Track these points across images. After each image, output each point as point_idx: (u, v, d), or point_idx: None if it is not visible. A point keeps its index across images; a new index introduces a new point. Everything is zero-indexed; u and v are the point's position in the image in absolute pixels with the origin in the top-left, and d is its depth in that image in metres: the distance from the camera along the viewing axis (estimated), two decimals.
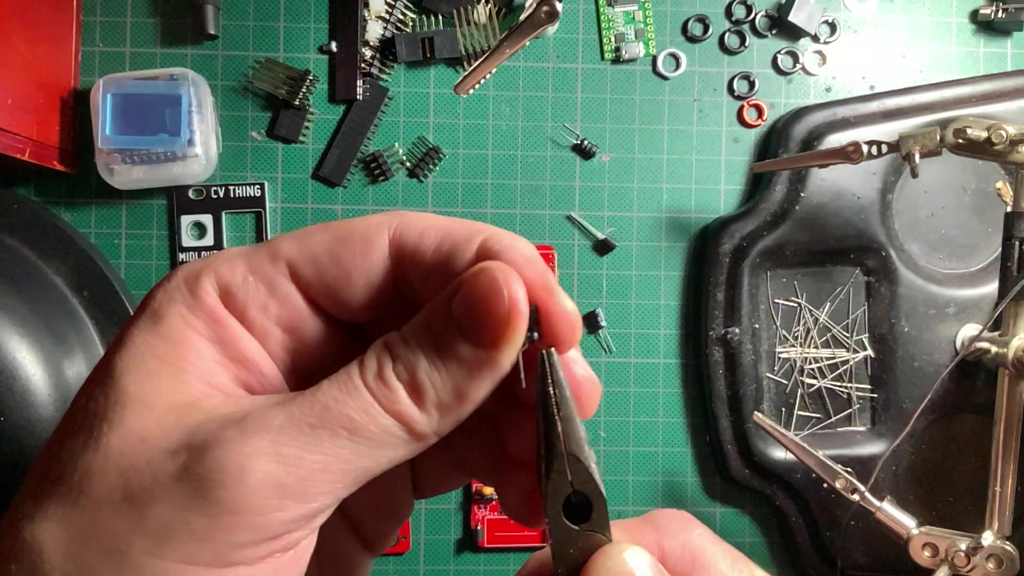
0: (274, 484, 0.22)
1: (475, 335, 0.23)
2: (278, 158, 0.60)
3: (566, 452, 0.24)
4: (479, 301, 0.23)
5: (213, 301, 0.24)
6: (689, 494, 0.61)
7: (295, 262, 0.25)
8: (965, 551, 0.51)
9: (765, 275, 0.60)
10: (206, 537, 0.21)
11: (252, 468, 0.21)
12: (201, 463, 0.21)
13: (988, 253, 0.60)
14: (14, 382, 0.52)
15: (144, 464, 0.22)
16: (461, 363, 0.23)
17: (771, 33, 0.61)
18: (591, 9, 0.61)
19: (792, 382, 0.60)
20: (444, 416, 0.24)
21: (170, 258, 0.59)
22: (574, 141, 0.61)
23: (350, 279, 0.25)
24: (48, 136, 0.55)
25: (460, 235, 0.25)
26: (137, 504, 0.21)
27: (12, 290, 0.54)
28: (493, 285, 0.23)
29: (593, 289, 0.61)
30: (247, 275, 0.25)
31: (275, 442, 0.22)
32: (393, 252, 0.25)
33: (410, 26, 0.60)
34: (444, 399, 0.23)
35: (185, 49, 0.60)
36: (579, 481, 0.24)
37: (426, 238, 0.25)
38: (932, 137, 0.50)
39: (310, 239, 0.25)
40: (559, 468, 0.24)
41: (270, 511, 0.22)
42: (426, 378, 0.23)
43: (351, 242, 0.25)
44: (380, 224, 0.25)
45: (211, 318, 0.24)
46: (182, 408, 0.23)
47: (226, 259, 0.25)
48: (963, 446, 0.59)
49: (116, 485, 0.22)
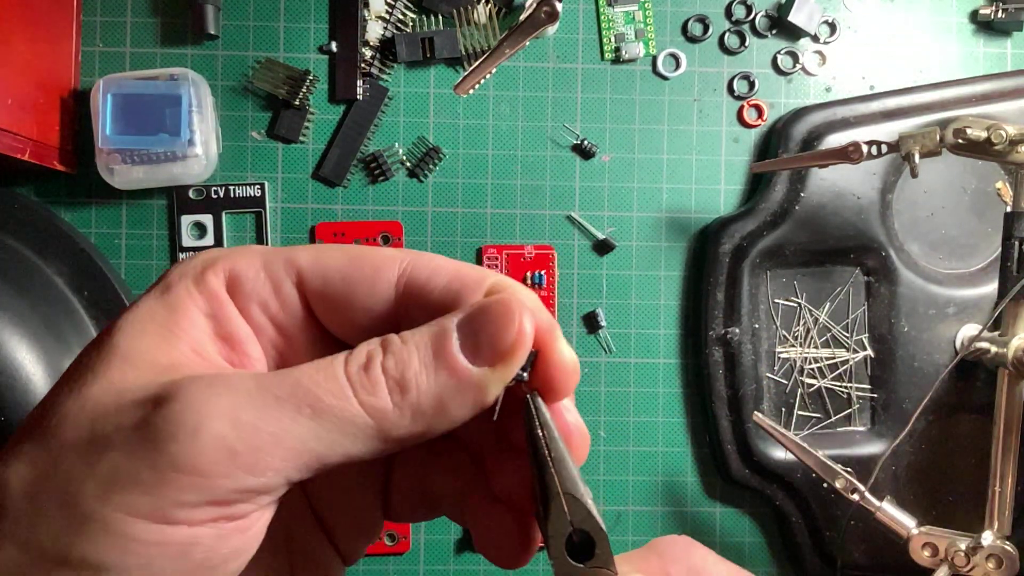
0: (224, 448, 0.21)
1: (475, 350, 0.24)
2: (278, 158, 0.60)
3: (562, 492, 0.24)
4: (491, 320, 0.24)
5: (218, 282, 0.25)
6: (689, 494, 0.61)
7: (305, 271, 0.26)
8: (965, 551, 0.51)
9: (765, 275, 0.60)
10: (150, 490, 0.21)
11: (206, 427, 0.21)
12: (160, 413, 0.22)
13: (988, 253, 0.60)
14: (14, 382, 0.52)
15: (113, 412, 0.22)
16: (452, 374, 0.24)
17: (771, 33, 0.62)
18: (591, 9, 0.61)
19: (792, 382, 0.60)
20: (415, 420, 0.23)
21: (170, 258, 0.59)
22: (574, 141, 0.61)
23: (352, 300, 0.26)
24: (48, 136, 0.55)
25: (470, 278, 0.25)
26: (97, 448, 0.22)
27: (12, 290, 0.54)
28: (508, 310, 0.24)
29: (593, 289, 0.61)
30: (259, 270, 0.25)
31: (235, 406, 0.22)
32: (401, 286, 0.26)
33: (410, 26, 0.60)
34: (423, 404, 0.23)
35: (185, 49, 0.60)
36: (578, 519, 0.24)
37: (436, 277, 0.25)
38: (932, 137, 0.50)
39: (325, 254, 0.26)
40: (557, 508, 0.24)
41: (215, 475, 0.21)
42: (414, 377, 0.23)
43: (361, 267, 0.26)
44: (393, 257, 0.26)
45: (212, 296, 0.25)
46: (165, 367, 0.23)
47: (245, 253, 0.26)
48: (963, 446, 0.59)
49: (84, 430, 0.22)
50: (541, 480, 0.24)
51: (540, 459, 0.24)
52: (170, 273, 0.25)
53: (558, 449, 0.25)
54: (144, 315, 0.24)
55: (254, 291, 0.25)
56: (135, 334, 0.24)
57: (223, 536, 0.22)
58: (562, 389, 0.26)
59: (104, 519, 0.21)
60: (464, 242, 0.60)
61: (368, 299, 0.26)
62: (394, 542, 0.59)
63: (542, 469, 0.24)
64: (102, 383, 0.23)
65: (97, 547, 0.21)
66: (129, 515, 0.21)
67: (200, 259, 0.26)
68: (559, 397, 0.26)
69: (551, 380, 0.25)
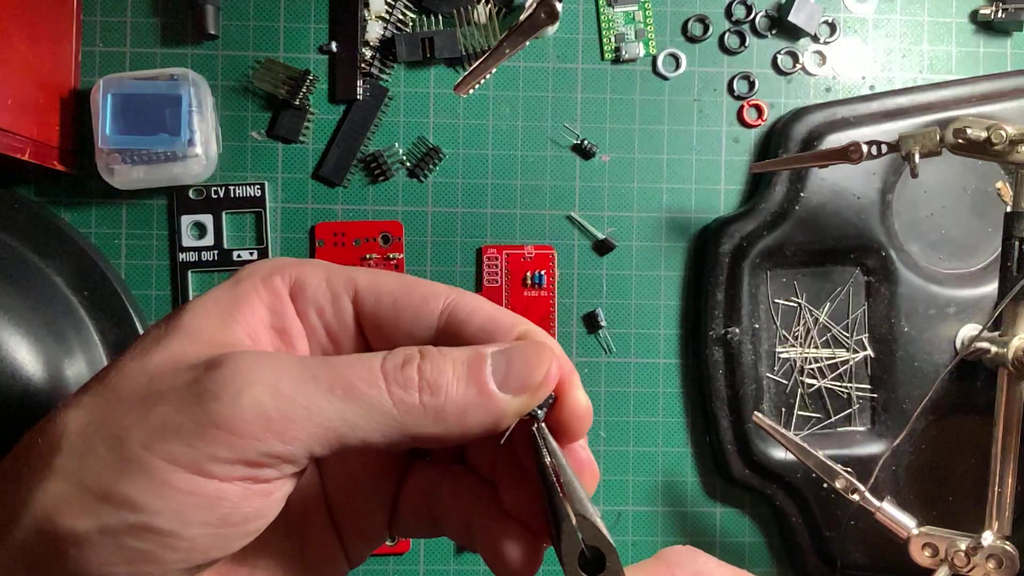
0: (261, 413, 0.24)
1: (505, 379, 0.26)
2: (278, 158, 0.60)
3: (573, 514, 0.26)
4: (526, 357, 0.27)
5: (283, 284, 0.28)
6: (689, 494, 0.61)
7: (362, 290, 0.28)
8: (965, 551, 0.51)
9: (765, 275, 0.60)
10: (189, 442, 0.24)
11: (248, 392, 0.24)
12: (209, 375, 0.24)
13: (988, 253, 0.60)
14: (14, 382, 0.52)
15: (169, 373, 0.25)
16: (480, 392, 0.26)
17: (771, 33, 0.62)
18: (591, 9, 0.61)
19: (792, 382, 0.60)
20: (435, 423, 0.26)
21: (170, 258, 0.59)
22: (574, 141, 0.61)
23: (398, 323, 0.28)
24: (48, 136, 0.55)
25: (504, 323, 0.28)
26: (149, 401, 0.24)
27: (12, 290, 0.54)
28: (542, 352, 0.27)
29: (593, 289, 0.61)
30: (322, 281, 0.28)
31: (277, 378, 0.24)
32: (443, 319, 0.28)
33: (410, 26, 0.60)
34: (447, 409, 0.26)
35: (185, 49, 0.60)
36: (589, 537, 0.26)
37: (474, 316, 0.28)
38: (932, 137, 0.50)
39: (381, 278, 0.29)
40: (568, 530, 0.26)
41: (249, 436, 0.24)
42: (446, 384, 0.26)
43: (412, 294, 0.28)
44: (440, 293, 0.29)
45: (274, 293, 0.28)
46: (220, 344, 0.26)
47: (313, 264, 0.29)
48: (963, 446, 0.59)
49: (141, 386, 0.25)
50: (551, 504, 0.27)
51: (549, 485, 0.27)
52: (242, 270, 0.29)
53: (566, 473, 0.27)
54: (211, 301, 0.27)
55: (314, 298, 0.28)
56: (200, 315, 0.27)
57: (247, 495, 0.25)
58: (576, 432, 0.28)
59: (146, 464, 0.24)
60: (464, 242, 0.61)
61: (413, 325, 0.28)
62: (394, 542, 0.59)
63: (551, 495, 0.27)
64: (163, 352, 0.26)
65: (137, 488, 0.24)
66: (169, 462, 0.24)
67: (272, 263, 0.29)
68: (573, 439, 0.28)
69: (567, 423, 0.28)
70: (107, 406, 0.25)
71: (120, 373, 0.26)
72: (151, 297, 0.59)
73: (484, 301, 0.29)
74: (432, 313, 0.28)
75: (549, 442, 0.27)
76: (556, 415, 0.28)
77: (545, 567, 0.61)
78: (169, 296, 0.59)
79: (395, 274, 0.29)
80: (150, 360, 0.26)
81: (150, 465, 0.24)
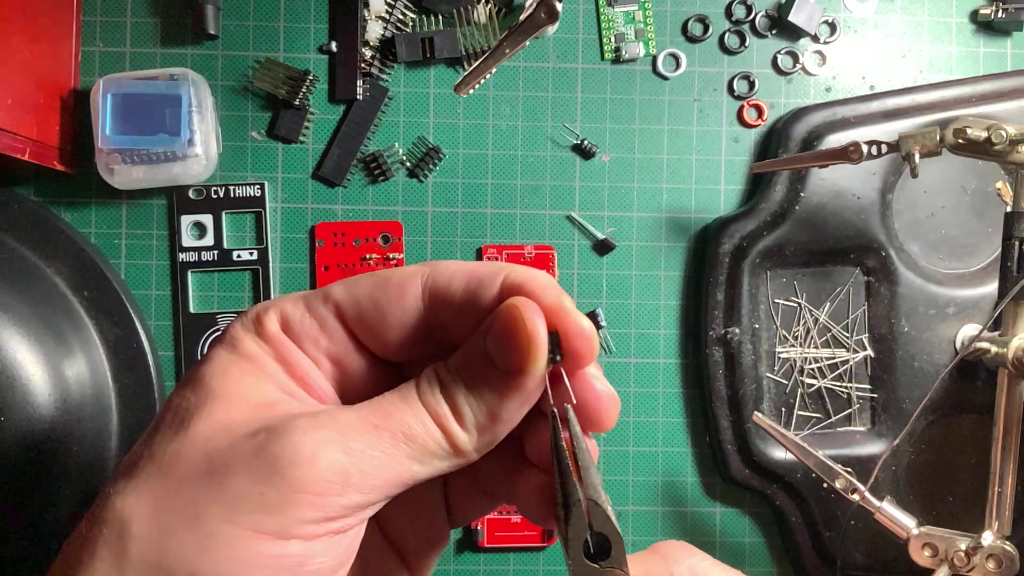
0: (340, 471, 0.25)
1: (503, 363, 0.27)
2: (278, 158, 0.60)
3: (584, 499, 0.26)
4: (504, 333, 0.26)
5: (276, 330, 0.28)
6: (689, 494, 0.61)
7: (342, 304, 0.28)
8: (965, 551, 0.51)
9: (765, 275, 0.60)
10: (274, 510, 0.24)
11: (323, 454, 0.24)
12: (278, 443, 0.24)
13: (988, 253, 0.60)
14: (14, 382, 0.52)
15: (227, 445, 0.25)
16: (492, 389, 0.27)
17: (771, 33, 0.61)
18: (591, 9, 0.61)
19: (792, 382, 0.60)
20: (482, 435, 0.27)
21: (170, 258, 0.59)
22: (574, 141, 0.61)
23: (386, 320, 0.28)
24: (48, 136, 0.55)
25: (484, 273, 0.28)
26: (218, 476, 0.24)
27: (12, 290, 0.54)
28: (515, 318, 0.26)
29: (593, 289, 0.61)
30: (304, 312, 0.28)
31: (343, 435, 0.25)
32: (426, 296, 0.28)
33: (410, 26, 0.60)
34: (480, 420, 0.27)
35: (185, 49, 0.60)
36: (598, 523, 0.26)
37: (455, 280, 0.28)
38: (932, 137, 0.50)
39: (356, 284, 0.29)
40: (578, 514, 0.26)
41: (332, 494, 0.25)
42: (464, 403, 0.27)
43: (388, 287, 0.28)
44: (414, 272, 0.28)
45: (276, 344, 0.28)
46: (263, 405, 0.27)
47: (290, 299, 0.29)
48: (963, 446, 0.59)
49: (200, 463, 0.25)
50: (563, 488, 0.27)
51: (563, 469, 0.27)
52: (232, 330, 0.28)
53: (584, 457, 0.27)
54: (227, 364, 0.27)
55: (304, 332, 0.28)
56: (229, 380, 0.27)
57: (331, 548, 0.25)
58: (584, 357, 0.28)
59: (231, 537, 0.24)
60: (464, 242, 0.60)
61: (400, 315, 0.28)
62: None
63: (565, 478, 0.27)
64: (208, 422, 0.26)
65: (223, 562, 0.24)
66: (255, 532, 0.24)
67: (253, 311, 0.29)
68: (582, 365, 0.28)
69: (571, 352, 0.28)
70: (171, 487, 0.25)
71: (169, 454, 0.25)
72: (151, 297, 0.59)
73: (458, 263, 0.29)
74: (414, 296, 0.28)
75: (571, 424, 0.27)
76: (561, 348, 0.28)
77: (546, 567, 0.61)
78: (169, 296, 0.59)
79: (368, 275, 0.29)
80: (197, 433, 0.25)
81: (235, 537, 0.24)
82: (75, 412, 0.54)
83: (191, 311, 0.59)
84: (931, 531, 0.51)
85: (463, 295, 0.28)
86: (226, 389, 0.27)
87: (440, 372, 0.27)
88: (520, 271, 0.28)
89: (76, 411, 0.54)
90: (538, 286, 0.27)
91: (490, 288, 0.28)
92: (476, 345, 0.27)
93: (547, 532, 0.60)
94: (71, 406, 0.54)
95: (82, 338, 0.56)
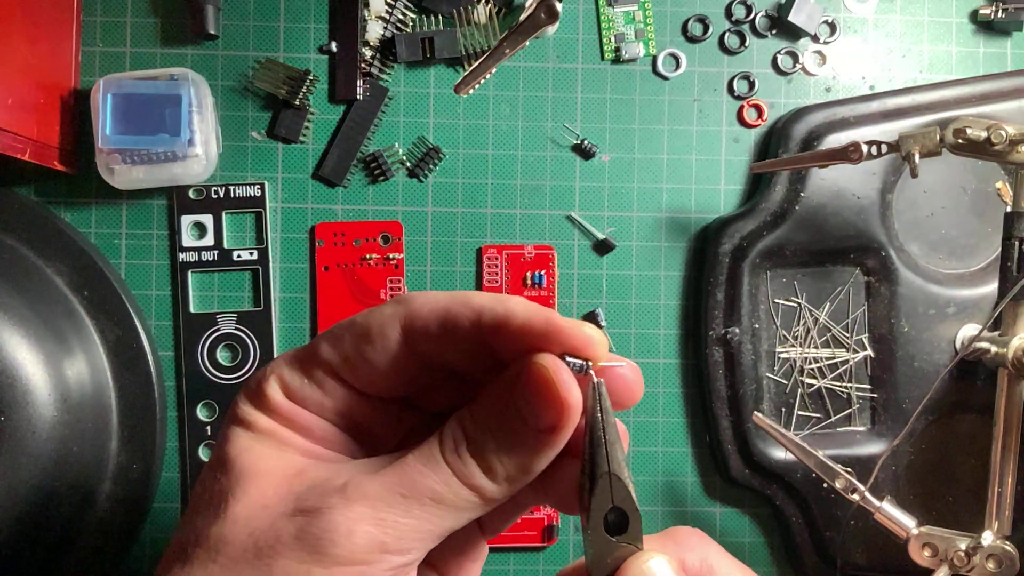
0: (376, 542, 0.26)
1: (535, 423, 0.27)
2: (278, 158, 0.60)
3: (610, 472, 0.27)
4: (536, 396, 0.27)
5: (282, 400, 0.30)
6: (689, 494, 0.61)
7: (332, 364, 0.29)
8: (965, 551, 0.51)
9: (765, 275, 0.60)
10: None
11: (357, 530, 0.26)
12: (316, 525, 0.26)
13: (988, 253, 0.60)
14: (14, 382, 0.52)
15: (268, 527, 0.27)
16: (525, 445, 0.28)
17: (771, 33, 0.62)
18: (591, 9, 0.61)
19: (792, 382, 0.60)
20: (512, 485, 0.28)
21: (170, 258, 0.59)
22: (574, 141, 0.61)
23: (377, 368, 0.29)
24: (48, 136, 0.55)
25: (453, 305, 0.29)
26: (265, 559, 0.26)
27: (12, 290, 0.54)
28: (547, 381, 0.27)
29: (593, 289, 0.61)
30: (302, 379, 0.30)
31: (374, 508, 0.27)
32: (406, 336, 0.29)
33: (410, 26, 0.60)
34: (512, 473, 0.28)
35: (185, 49, 0.60)
36: (619, 498, 0.27)
37: (430, 318, 0.29)
38: (932, 137, 0.50)
39: (340, 341, 0.29)
40: (603, 487, 0.27)
41: (373, 562, 0.26)
42: (495, 459, 0.28)
43: (370, 337, 0.29)
44: (391, 316, 0.29)
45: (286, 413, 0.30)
46: (293, 477, 0.28)
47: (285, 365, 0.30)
48: (963, 446, 0.59)
49: (247, 545, 0.27)
50: (592, 460, 0.27)
51: (596, 440, 0.27)
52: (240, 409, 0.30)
53: (612, 432, 0.27)
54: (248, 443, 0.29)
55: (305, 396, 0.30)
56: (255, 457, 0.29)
57: None
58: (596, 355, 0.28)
59: None
60: (464, 242, 0.60)
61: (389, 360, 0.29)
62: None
63: (595, 450, 0.27)
64: (245, 503, 0.28)
65: None
66: None
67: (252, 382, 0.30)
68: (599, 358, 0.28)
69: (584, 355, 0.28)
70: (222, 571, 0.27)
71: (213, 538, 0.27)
72: (151, 297, 0.59)
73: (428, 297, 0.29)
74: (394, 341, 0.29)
75: (605, 399, 0.28)
76: None
77: (546, 567, 0.61)
78: (169, 296, 0.59)
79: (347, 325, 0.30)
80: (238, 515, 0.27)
81: None
82: (75, 412, 0.54)
83: (191, 311, 0.59)
84: (931, 531, 0.52)
85: (438, 330, 0.29)
86: (255, 466, 0.28)
87: (467, 427, 0.28)
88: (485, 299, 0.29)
89: (76, 411, 0.54)
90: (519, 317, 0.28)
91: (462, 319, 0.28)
92: (504, 401, 0.28)
93: (547, 532, 0.60)
94: (71, 406, 0.54)
95: (82, 338, 0.56)
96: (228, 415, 0.30)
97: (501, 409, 0.28)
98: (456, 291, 0.30)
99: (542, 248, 0.60)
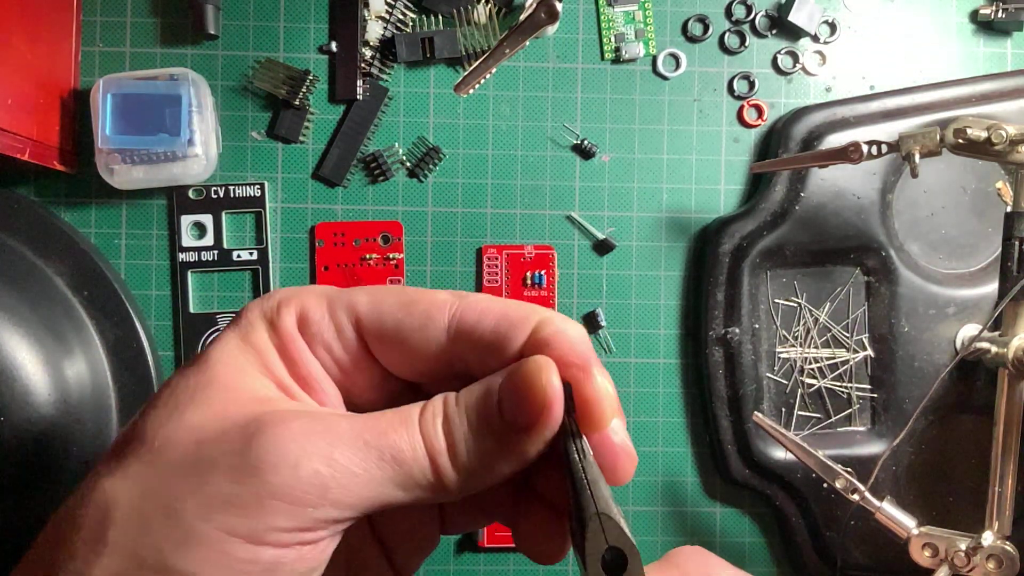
0: (319, 483, 0.24)
1: (511, 416, 0.26)
2: (278, 158, 0.60)
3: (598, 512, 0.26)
4: (520, 388, 0.26)
5: (290, 326, 0.28)
6: (689, 494, 0.61)
7: (363, 317, 0.28)
8: (965, 551, 0.51)
9: (765, 275, 0.60)
10: (248, 514, 0.24)
11: (305, 464, 0.24)
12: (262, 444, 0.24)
13: (988, 253, 0.60)
14: (14, 382, 0.52)
15: (216, 435, 0.25)
16: (494, 437, 0.26)
17: (771, 33, 0.61)
18: (591, 9, 0.61)
19: (792, 382, 0.60)
20: (469, 479, 0.26)
21: (170, 258, 0.59)
22: (574, 141, 0.61)
23: (406, 345, 0.28)
24: (48, 136, 0.55)
25: (517, 318, 0.28)
26: (201, 471, 0.24)
27: (12, 290, 0.54)
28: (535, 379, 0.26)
29: (593, 289, 0.61)
30: (325, 314, 0.28)
31: (331, 445, 0.25)
32: (452, 329, 0.28)
33: (410, 26, 0.60)
34: (473, 464, 0.26)
35: (185, 49, 0.60)
36: (613, 537, 0.26)
37: (485, 319, 0.28)
38: (932, 137, 0.50)
39: (383, 299, 0.28)
40: (594, 528, 0.26)
41: (307, 505, 0.24)
42: (462, 441, 0.26)
43: (414, 313, 0.28)
44: (444, 302, 0.28)
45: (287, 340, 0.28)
46: (261, 400, 0.26)
47: (315, 295, 0.28)
48: (963, 446, 0.59)
49: (188, 452, 0.25)
50: (577, 502, 0.26)
51: (577, 482, 0.26)
52: (249, 314, 0.28)
53: (593, 470, 0.26)
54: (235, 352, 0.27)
55: (319, 333, 0.28)
56: (233, 369, 0.27)
57: (302, 557, 0.25)
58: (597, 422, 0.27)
59: (204, 535, 0.24)
60: (464, 242, 0.60)
61: (422, 343, 0.28)
62: None
63: (579, 492, 0.26)
64: (204, 411, 0.26)
65: (194, 560, 0.24)
66: (227, 534, 0.24)
67: (275, 299, 0.28)
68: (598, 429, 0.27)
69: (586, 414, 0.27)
70: (157, 474, 0.25)
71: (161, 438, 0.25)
72: (151, 297, 0.59)
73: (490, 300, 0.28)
74: (439, 328, 0.28)
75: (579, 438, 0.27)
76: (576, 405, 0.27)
77: (545, 567, 0.61)
78: (169, 296, 0.59)
79: (396, 291, 0.28)
80: (192, 421, 0.25)
81: (208, 537, 0.24)
82: (75, 412, 0.54)
83: (191, 311, 0.59)
84: (931, 531, 0.51)
85: (491, 336, 0.27)
86: (227, 378, 0.26)
87: (448, 405, 0.27)
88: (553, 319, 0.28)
89: (76, 411, 0.54)
90: (568, 340, 0.27)
91: (520, 333, 0.27)
92: (491, 388, 0.27)
93: None
94: (71, 406, 0.54)
95: (82, 338, 0.56)
96: (234, 317, 0.29)
97: (484, 395, 0.27)
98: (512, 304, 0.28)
99: (542, 248, 0.60)
